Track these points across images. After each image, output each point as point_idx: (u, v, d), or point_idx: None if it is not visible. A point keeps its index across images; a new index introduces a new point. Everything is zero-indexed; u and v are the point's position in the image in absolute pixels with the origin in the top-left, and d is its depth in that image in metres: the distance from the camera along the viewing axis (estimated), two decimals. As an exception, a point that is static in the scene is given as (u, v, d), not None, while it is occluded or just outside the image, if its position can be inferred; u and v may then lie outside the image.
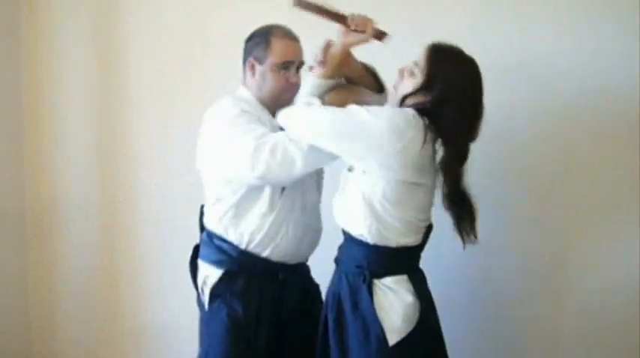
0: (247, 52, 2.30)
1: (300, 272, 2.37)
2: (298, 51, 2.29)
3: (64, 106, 3.55)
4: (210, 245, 2.31)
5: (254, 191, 2.21)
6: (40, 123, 3.60)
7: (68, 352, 3.65)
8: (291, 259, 2.31)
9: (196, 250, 2.39)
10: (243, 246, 2.26)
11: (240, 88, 2.34)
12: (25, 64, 3.61)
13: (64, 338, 3.65)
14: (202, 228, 2.38)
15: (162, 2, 3.28)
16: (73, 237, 3.57)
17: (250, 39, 2.31)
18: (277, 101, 2.25)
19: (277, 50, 2.25)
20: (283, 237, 2.26)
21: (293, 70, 2.27)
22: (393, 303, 1.99)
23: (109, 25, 3.41)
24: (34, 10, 3.57)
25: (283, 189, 2.23)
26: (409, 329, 1.97)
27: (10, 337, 3.59)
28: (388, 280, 2.01)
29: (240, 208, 2.24)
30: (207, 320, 2.31)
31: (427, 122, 1.95)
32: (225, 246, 2.27)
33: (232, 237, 2.27)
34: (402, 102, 2.02)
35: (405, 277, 2.02)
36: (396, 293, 1.99)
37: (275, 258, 2.27)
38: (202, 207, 2.39)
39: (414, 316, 1.99)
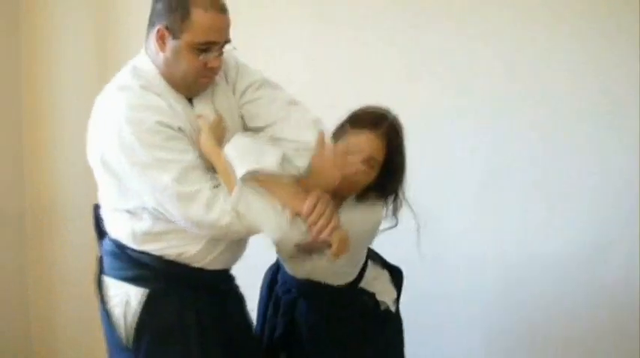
0: (157, 15, 1.78)
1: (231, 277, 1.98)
2: (225, 27, 1.78)
3: (63, 106, 3.55)
4: (121, 257, 1.83)
5: None
6: (39, 123, 3.60)
7: (68, 352, 3.65)
8: (229, 264, 1.93)
9: (101, 263, 1.88)
10: (172, 257, 1.81)
11: (141, 58, 1.85)
12: (25, 64, 3.60)
13: (64, 338, 3.65)
14: (102, 233, 1.90)
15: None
16: (72, 237, 3.56)
17: None
18: (189, 85, 1.80)
19: (199, 26, 1.72)
20: (223, 245, 1.85)
21: (215, 52, 1.76)
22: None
23: (109, 24, 3.41)
24: (33, 9, 3.57)
25: None
26: None
27: (10, 337, 3.58)
28: None
29: (162, 225, 1.77)
30: None
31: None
32: (145, 258, 1.80)
33: (155, 249, 1.81)
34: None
35: None
36: None
37: (212, 266, 1.85)
38: (97, 208, 1.91)
39: None
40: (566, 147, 2.52)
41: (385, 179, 1.94)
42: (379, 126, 1.92)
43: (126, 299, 1.81)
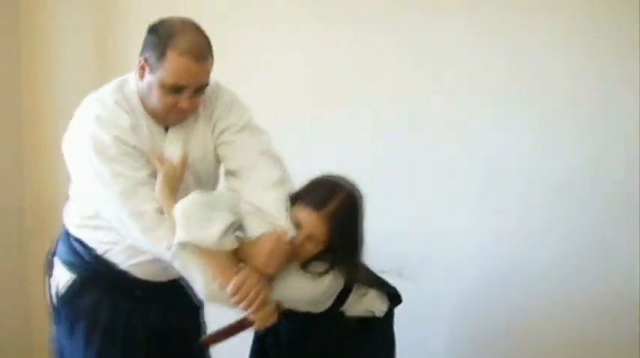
0: (144, 45, 1.86)
1: (168, 288, 2.00)
2: (199, 73, 1.82)
3: (63, 106, 3.54)
4: (66, 242, 2.01)
5: None
6: (39, 123, 3.60)
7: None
8: (156, 278, 1.97)
9: (56, 245, 2.08)
10: (99, 252, 1.94)
11: (131, 78, 1.94)
12: (25, 64, 3.60)
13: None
14: None
15: (164, 3, 3.28)
16: (72, 237, 3.57)
17: (152, 31, 1.86)
18: (161, 117, 1.89)
19: (171, 68, 1.78)
20: (148, 256, 1.89)
21: (187, 94, 1.82)
22: None
23: (109, 24, 3.40)
24: (33, 9, 3.57)
25: None
26: None
27: (10, 337, 3.58)
28: None
29: (100, 220, 1.90)
30: (59, 340, 2.03)
31: None
32: (79, 247, 1.97)
33: (88, 239, 1.96)
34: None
35: None
36: None
37: (135, 273, 1.95)
38: None
39: None
40: (565, 147, 2.52)
41: (333, 253, 1.89)
42: (324, 207, 1.85)
43: (58, 280, 1.99)
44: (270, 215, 1.83)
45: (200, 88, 1.84)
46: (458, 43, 2.64)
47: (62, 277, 1.99)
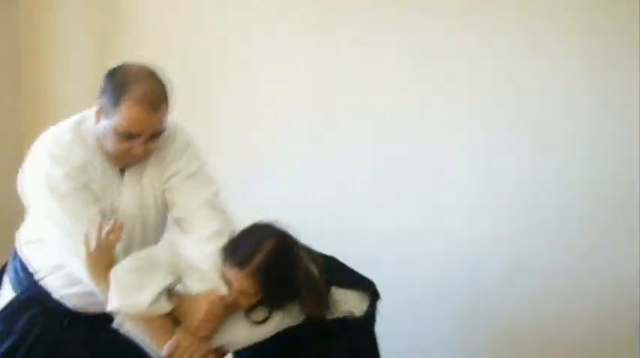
0: (101, 90, 1.89)
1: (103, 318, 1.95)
2: (152, 122, 1.85)
3: (63, 106, 3.54)
4: (14, 260, 2.09)
5: None
6: (39, 122, 3.59)
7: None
8: (90, 310, 1.99)
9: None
10: (36, 277, 2.01)
11: (90, 117, 1.97)
12: (25, 64, 3.60)
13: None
14: None
15: (164, 3, 3.28)
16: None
17: (109, 77, 1.89)
18: (115, 160, 1.94)
19: (124, 116, 1.82)
20: (80, 288, 1.95)
21: (140, 140, 1.85)
22: None
23: (109, 24, 3.40)
24: (33, 9, 3.57)
25: None
26: None
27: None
28: None
29: (46, 244, 1.97)
30: None
31: None
32: (20, 268, 2.04)
33: (32, 260, 2.03)
34: None
35: None
36: None
37: (68, 303, 2.00)
38: None
39: None
40: (565, 148, 2.51)
41: (271, 300, 1.89)
42: (248, 264, 1.84)
43: (2, 293, 2.07)
44: (205, 272, 1.89)
45: (154, 135, 1.88)
46: (457, 44, 2.64)
47: (4, 295, 2.07)
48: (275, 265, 1.86)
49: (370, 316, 2.06)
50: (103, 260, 1.85)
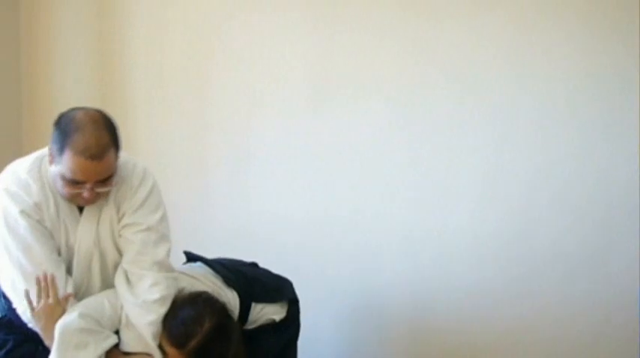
0: (52, 136, 1.95)
1: None
2: (96, 171, 1.89)
3: (63, 106, 3.53)
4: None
5: None
6: (39, 122, 3.60)
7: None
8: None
9: None
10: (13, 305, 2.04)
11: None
12: (25, 64, 3.60)
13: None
14: None
15: (165, 4, 3.28)
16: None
17: (56, 125, 1.95)
18: (72, 202, 2.00)
19: (68, 165, 1.87)
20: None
21: (88, 186, 1.90)
22: None
23: (109, 24, 3.40)
24: (33, 9, 3.57)
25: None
26: None
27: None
28: None
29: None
30: None
31: None
32: (2, 293, 2.07)
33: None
34: None
35: None
36: None
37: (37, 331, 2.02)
38: None
39: None
40: (565, 149, 2.51)
41: None
42: (185, 345, 1.94)
43: None
44: (143, 335, 1.96)
45: (102, 180, 1.92)
46: (458, 44, 2.64)
47: None
48: (211, 346, 1.95)
49: (292, 315, 2.28)
50: (50, 315, 1.93)
